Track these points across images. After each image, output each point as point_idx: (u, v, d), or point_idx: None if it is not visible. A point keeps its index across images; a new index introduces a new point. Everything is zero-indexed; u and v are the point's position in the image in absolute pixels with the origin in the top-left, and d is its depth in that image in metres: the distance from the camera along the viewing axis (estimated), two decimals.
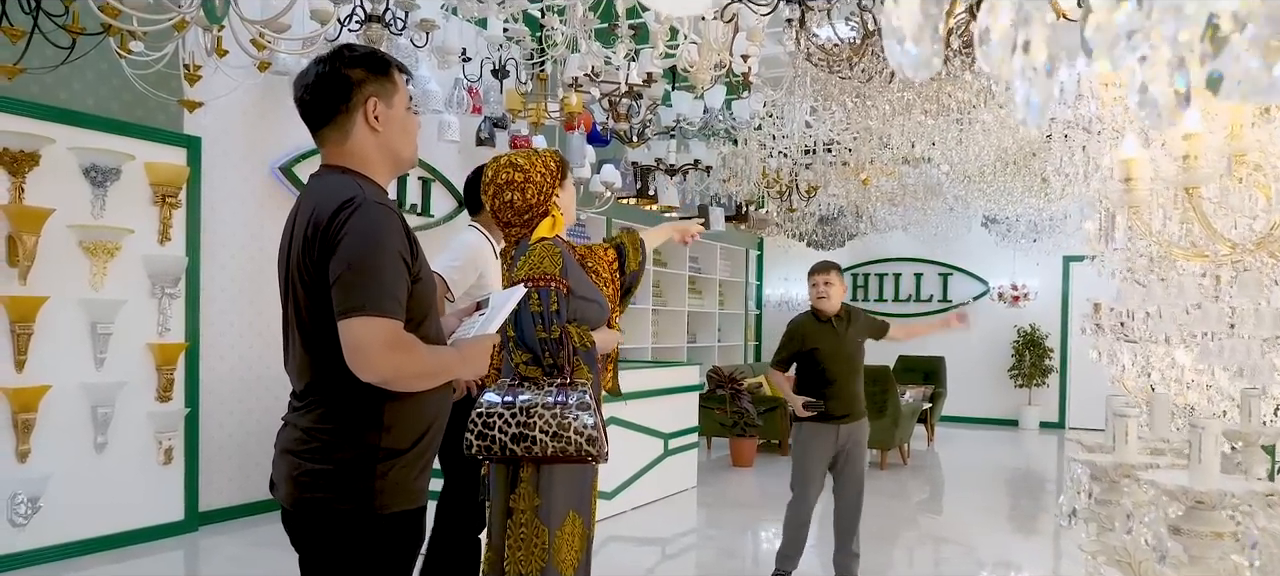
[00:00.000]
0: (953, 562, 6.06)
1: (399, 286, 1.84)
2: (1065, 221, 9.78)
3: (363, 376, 1.80)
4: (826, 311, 4.62)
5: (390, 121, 1.97)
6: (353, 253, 1.80)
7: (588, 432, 2.62)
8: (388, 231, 1.84)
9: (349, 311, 1.78)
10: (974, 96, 4.95)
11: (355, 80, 1.93)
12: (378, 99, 1.95)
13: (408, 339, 1.84)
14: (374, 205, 1.85)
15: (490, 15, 4.83)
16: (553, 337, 2.68)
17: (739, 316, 12.55)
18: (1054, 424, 12.04)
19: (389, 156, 1.99)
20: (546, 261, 2.72)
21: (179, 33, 4.01)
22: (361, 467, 1.89)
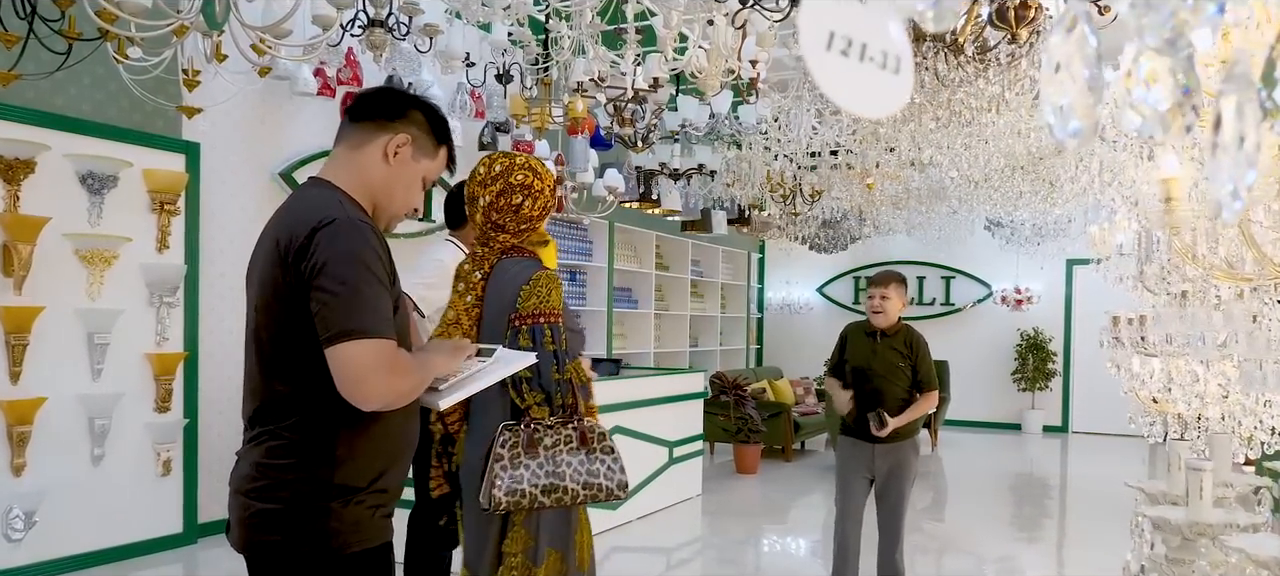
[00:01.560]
0: (957, 570, 6.00)
1: (386, 306, 1.77)
2: (1069, 225, 9.73)
3: (362, 406, 1.72)
4: (876, 326, 4.28)
5: (403, 168, 1.91)
6: (340, 272, 1.71)
7: (618, 476, 2.52)
8: (374, 249, 1.77)
9: (342, 336, 1.69)
10: (985, 103, 4.88)
11: (410, 116, 1.92)
12: (412, 144, 1.91)
13: (401, 357, 1.78)
14: (357, 222, 1.78)
15: (496, 19, 4.75)
16: (566, 378, 2.53)
17: (741, 320, 12.48)
18: (1057, 427, 11.98)
19: (380, 193, 1.92)
20: (554, 295, 2.58)
21: (178, 39, 3.92)
22: (313, 506, 1.78)
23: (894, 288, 4.27)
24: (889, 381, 4.17)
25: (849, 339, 4.40)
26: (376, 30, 4.51)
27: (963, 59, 4.32)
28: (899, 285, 4.30)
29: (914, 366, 4.20)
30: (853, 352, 4.32)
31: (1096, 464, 10.22)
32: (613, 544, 5.80)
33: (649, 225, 9.86)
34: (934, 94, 4.67)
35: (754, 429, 8.35)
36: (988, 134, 5.49)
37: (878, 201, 9.13)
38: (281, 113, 5.86)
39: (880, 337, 4.23)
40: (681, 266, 10.74)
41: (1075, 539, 6.94)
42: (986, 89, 4.63)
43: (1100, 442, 11.29)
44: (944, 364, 11.20)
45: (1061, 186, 6.73)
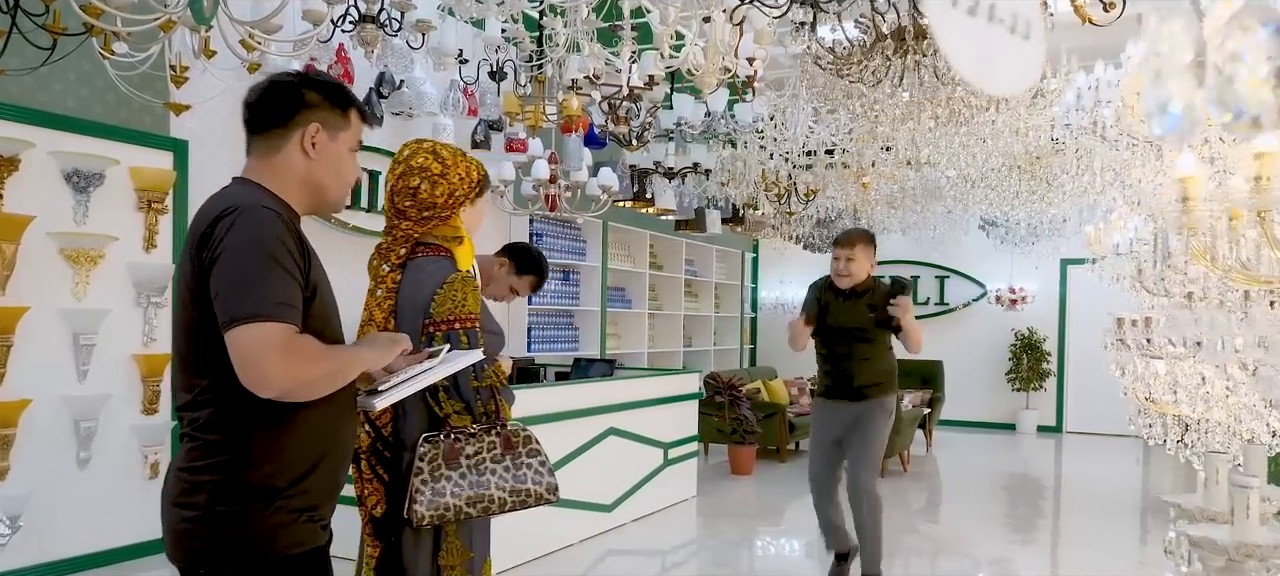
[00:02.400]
0: (952, 571, 5.96)
1: (291, 290, 1.72)
2: (1064, 225, 9.71)
3: (260, 392, 1.67)
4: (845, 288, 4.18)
5: (327, 154, 1.88)
6: (235, 257, 1.69)
7: (546, 479, 2.44)
8: (273, 235, 1.72)
9: (234, 321, 1.66)
10: (986, 101, 4.83)
11: (308, 102, 1.86)
12: (322, 128, 1.87)
13: (304, 342, 1.71)
14: (257, 208, 1.74)
15: (489, 16, 4.68)
16: (486, 385, 2.47)
17: (735, 319, 12.43)
18: (1052, 428, 11.97)
19: (312, 187, 1.90)
20: (470, 299, 2.49)
21: (165, 33, 3.84)
22: (229, 511, 1.74)
23: (860, 248, 4.11)
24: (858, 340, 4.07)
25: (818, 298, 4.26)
26: (368, 26, 4.43)
27: None
28: (866, 244, 4.15)
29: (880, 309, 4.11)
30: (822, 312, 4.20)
31: (1091, 464, 10.20)
32: (607, 547, 5.73)
33: (643, 224, 9.80)
34: (934, 92, 4.62)
35: (749, 429, 8.29)
36: (986, 133, 5.45)
37: (873, 201, 9.09)
38: None
39: (851, 296, 4.13)
40: (675, 266, 10.68)
41: (1070, 540, 6.91)
42: None
43: (1094, 443, 11.28)
44: (938, 363, 11.18)
45: (1061, 185, 6.69)
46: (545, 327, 8.46)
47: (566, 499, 5.53)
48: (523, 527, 5.11)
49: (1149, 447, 10.54)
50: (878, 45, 4.29)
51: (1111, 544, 6.55)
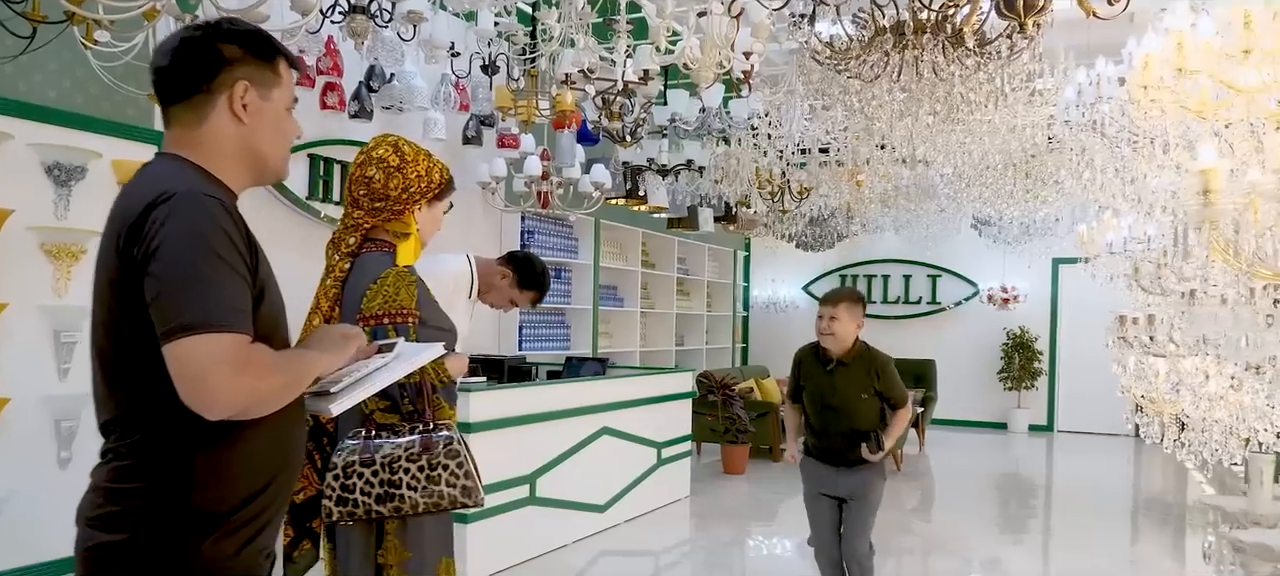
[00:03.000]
0: (944, 571, 5.91)
1: (242, 294, 1.50)
2: (1056, 224, 9.68)
3: (206, 413, 1.44)
4: (830, 352, 3.81)
5: (262, 116, 1.63)
6: (176, 256, 1.45)
7: (461, 482, 2.35)
8: (218, 226, 1.49)
9: (178, 331, 1.42)
10: (984, 98, 4.78)
11: (228, 57, 1.60)
12: (252, 86, 1.62)
13: (257, 354, 1.48)
14: (197, 196, 1.50)
15: (482, 8, 4.60)
16: (412, 381, 2.37)
17: (727, 318, 12.37)
18: (1043, 427, 11.96)
19: (250, 157, 1.65)
20: (403, 293, 2.43)
21: (149, 22, 3.75)
22: (165, 539, 1.51)
23: (845, 307, 3.78)
24: (850, 415, 3.75)
25: (803, 365, 3.97)
26: (358, 17, 4.34)
27: (961, 51, 4.21)
28: (852, 304, 3.82)
29: (880, 392, 3.79)
30: (809, 382, 3.89)
31: (1082, 463, 10.19)
32: (601, 548, 5.66)
33: (635, 222, 9.72)
34: (932, 88, 4.56)
35: (742, 429, 8.24)
36: (984, 130, 5.40)
37: (866, 199, 9.03)
38: None
39: (837, 366, 3.78)
40: (667, 264, 10.61)
41: (1063, 540, 6.89)
42: (986, 84, 4.53)
43: (1085, 442, 11.28)
44: (930, 363, 11.15)
45: (1059, 183, 6.65)
46: (537, 327, 8.37)
47: (560, 499, 5.46)
48: (515, 529, 5.05)
49: (1140, 447, 10.56)
50: (877, 40, 4.22)
51: (1104, 544, 6.52)
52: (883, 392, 3.79)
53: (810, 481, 3.97)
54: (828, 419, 3.83)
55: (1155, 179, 3.14)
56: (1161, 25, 3.49)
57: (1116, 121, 3.86)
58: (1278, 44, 2.58)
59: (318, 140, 6.03)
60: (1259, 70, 2.50)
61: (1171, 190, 3.43)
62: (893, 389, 3.83)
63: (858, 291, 4.04)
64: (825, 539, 3.95)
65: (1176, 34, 2.53)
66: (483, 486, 2.43)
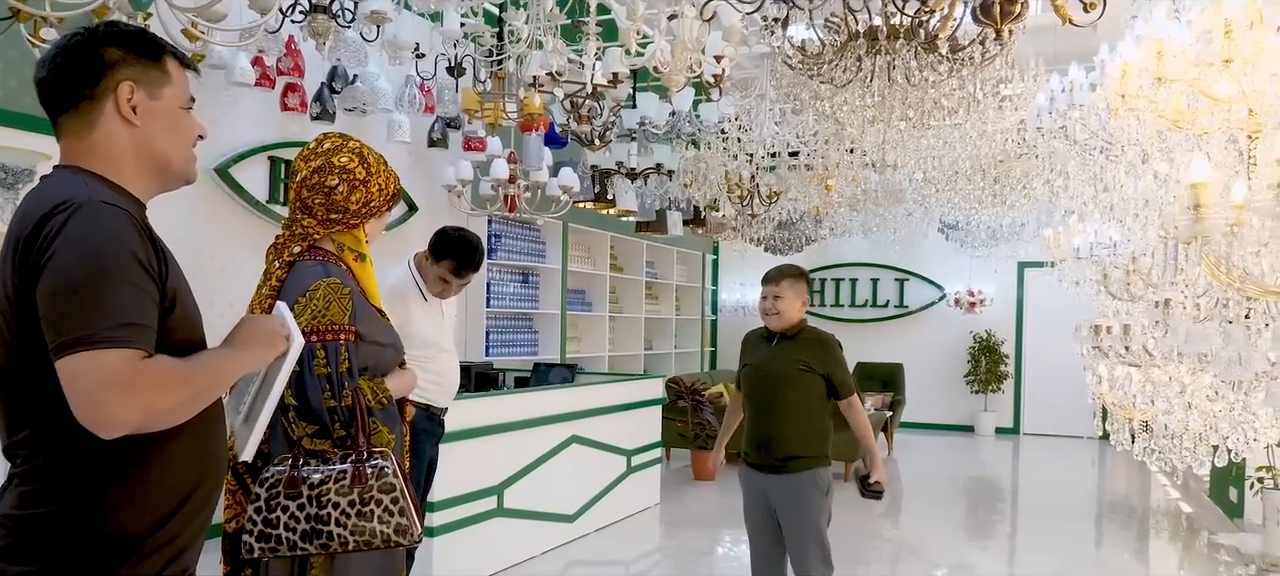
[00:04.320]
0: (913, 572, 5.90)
1: (139, 306, 1.42)
2: (1022, 229, 9.75)
3: (101, 433, 1.38)
4: (774, 329, 3.64)
5: (152, 116, 1.57)
6: (67, 267, 1.38)
7: (395, 520, 2.13)
8: (116, 235, 1.43)
9: (66, 347, 1.36)
10: (956, 104, 4.76)
11: (109, 60, 1.54)
12: (137, 86, 1.56)
13: (152, 368, 1.41)
14: (98, 205, 1.44)
15: (448, 8, 4.49)
16: (344, 404, 2.19)
17: (696, 322, 12.33)
18: (1009, 429, 12.05)
19: (148, 160, 1.59)
20: (334, 308, 2.23)
21: (99, 20, 3.60)
22: (77, 568, 1.43)
23: (788, 283, 3.63)
24: (784, 389, 3.56)
25: (747, 346, 3.82)
26: (320, 17, 4.22)
27: (934, 57, 4.19)
28: (796, 281, 3.66)
29: (824, 374, 3.60)
30: (750, 357, 3.74)
31: (1048, 466, 10.27)
32: (571, 558, 5.57)
33: (603, 226, 9.64)
34: (904, 93, 4.53)
35: (712, 434, 8.17)
36: (955, 136, 5.39)
37: (835, 203, 9.03)
38: (215, 104, 5.50)
39: (779, 340, 3.64)
40: (636, 268, 10.54)
41: (1029, 543, 6.92)
42: (958, 90, 4.51)
43: (1050, 444, 11.38)
44: (898, 366, 11.17)
45: (1030, 189, 6.68)
46: (504, 331, 8.26)
47: (529, 510, 5.35)
48: (482, 542, 4.94)
49: (1104, 449, 10.67)
50: (850, 45, 4.18)
51: (1070, 547, 6.56)
52: (825, 373, 3.59)
53: (745, 491, 3.76)
54: (761, 395, 3.62)
55: (1130, 187, 3.12)
56: (1135, 32, 3.49)
57: (1089, 128, 3.85)
58: (1256, 52, 2.56)
59: (278, 142, 5.88)
60: (1238, 81, 2.48)
61: (1145, 198, 3.41)
62: (836, 369, 3.63)
63: (799, 267, 3.80)
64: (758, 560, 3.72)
65: (1157, 43, 2.50)
66: (421, 521, 2.25)
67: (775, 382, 3.58)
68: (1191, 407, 3.30)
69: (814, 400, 3.59)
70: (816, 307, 12.82)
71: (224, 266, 5.62)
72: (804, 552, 3.54)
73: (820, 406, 3.62)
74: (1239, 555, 4.30)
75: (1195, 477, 7.68)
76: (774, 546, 3.66)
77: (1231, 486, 6.38)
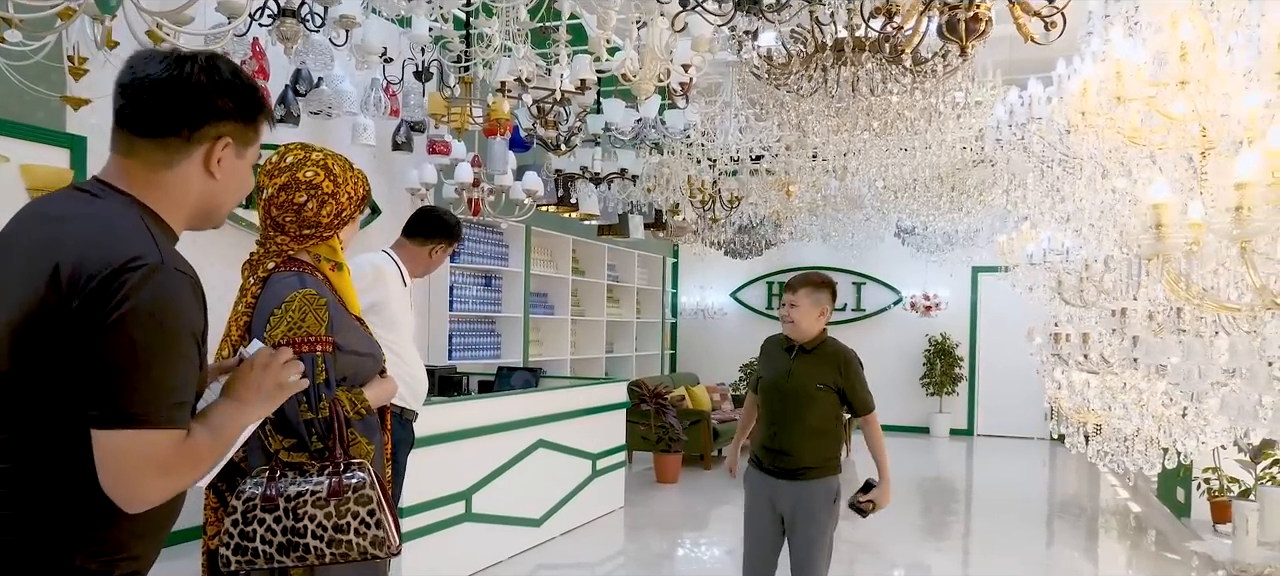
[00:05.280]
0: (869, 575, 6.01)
1: (188, 383, 1.43)
2: (977, 234, 9.95)
3: (121, 503, 1.38)
4: (793, 339, 3.59)
5: (232, 176, 1.56)
6: (138, 338, 1.34)
7: (372, 532, 2.11)
8: (186, 311, 1.41)
9: (118, 420, 1.34)
10: (918, 114, 4.87)
11: (220, 110, 1.50)
12: (233, 144, 1.53)
13: (192, 449, 1.43)
14: (173, 273, 1.39)
15: (418, 14, 4.49)
16: (321, 417, 2.17)
17: (656, 325, 12.38)
18: (963, 431, 12.29)
19: (205, 210, 1.57)
20: (310, 319, 2.21)
21: (64, 22, 3.55)
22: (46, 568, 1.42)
23: (805, 293, 3.56)
24: (798, 404, 3.51)
25: (766, 349, 3.79)
26: (288, 21, 4.18)
27: (897, 70, 4.28)
28: (815, 290, 3.58)
29: (841, 389, 3.57)
30: (767, 367, 3.69)
31: (1001, 467, 10.51)
32: (537, 562, 5.59)
33: (565, 229, 9.66)
34: (868, 105, 4.62)
35: (675, 437, 8.24)
36: (916, 144, 5.51)
37: (795, 209, 9.15)
38: None
39: (799, 352, 3.57)
40: (598, 271, 10.57)
41: (983, 543, 7.09)
42: (920, 101, 4.61)
43: (1003, 445, 11.64)
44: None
45: (989, 199, 6.84)
46: (466, 335, 8.23)
47: (496, 515, 5.36)
48: (450, 547, 4.93)
49: (1055, 449, 10.95)
50: (816, 56, 4.26)
51: (1022, 546, 6.75)
52: (845, 391, 3.56)
53: (751, 492, 3.70)
54: (778, 409, 3.56)
55: (1089, 200, 3.24)
56: (1090, 48, 3.61)
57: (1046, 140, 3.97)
58: (1209, 74, 2.67)
59: None
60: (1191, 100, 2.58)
61: (1102, 210, 3.53)
62: (856, 389, 3.58)
63: (824, 276, 3.74)
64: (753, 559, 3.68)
65: (1117, 63, 2.60)
66: (398, 532, 2.22)
67: (793, 399, 3.53)
68: (1146, 412, 3.44)
69: (830, 416, 3.57)
70: (776, 309, 12.96)
71: None
72: (812, 558, 3.53)
73: (836, 421, 3.62)
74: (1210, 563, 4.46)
75: (1144, 478, 7.92)
76: (772, 547, 3.65)
77: (1179, 486, 6.59)
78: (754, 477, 3.70)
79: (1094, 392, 3.58)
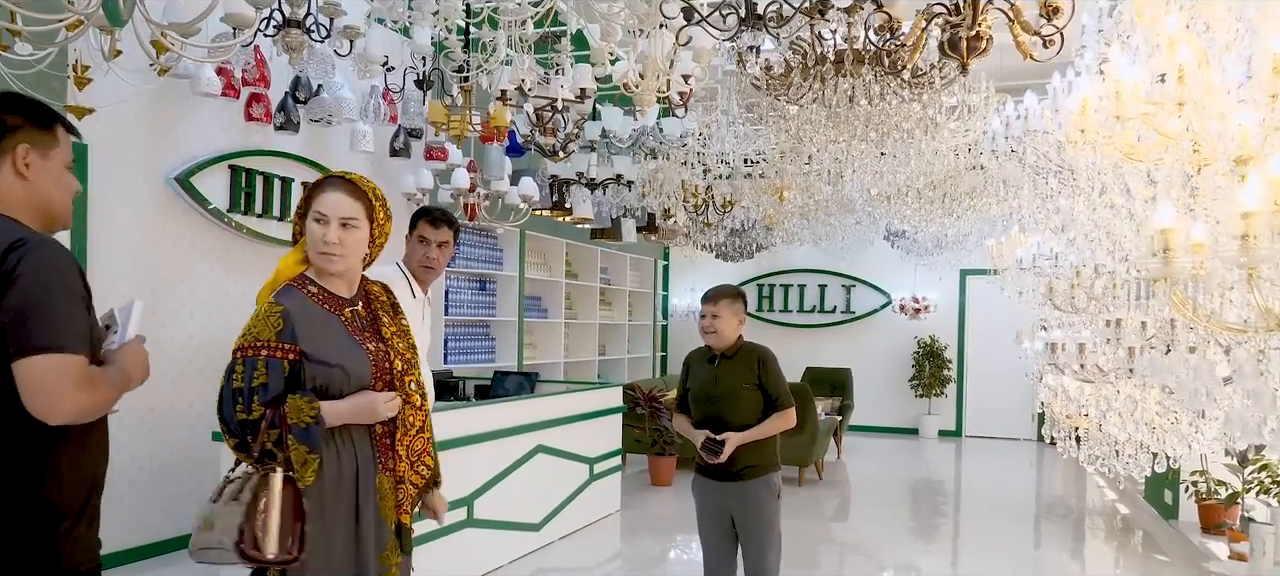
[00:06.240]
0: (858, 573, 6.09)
1: (85, 324, 1.86)
2: (966, 238, 10.05)
3: (47, 419, 1.77)
4: (715, 348, 3.79)
5: (43, 172, 1.96)
6: (31, 290, 1.78)
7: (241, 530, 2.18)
8: (68, 270, 1.86)
9: (28, 349, 1.75)
10: (914, 125, 4.94)
11: (9, 125, 1.93)
12: (32, 148, 1.94)
13: (96, 374, 1.86)
14: (51, 244, 1.87)
15: (422, 25, 4.52)
16: (252, 419, 2.23)
17: (647, 327, 12.44)
18: (952, 432, 12.41)
19: (36, 205, 1.96)
20: (261, 325, 2.29)
21: (69, 33, 3.56)
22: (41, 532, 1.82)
23: (726, 304, 3.75)
24: (732, 407, 3.68)
25: (691, 367, 3.93)
26: (293, 31, 4.21)
27: (896, 83, 4.35)
28: (732, 300, 3.79)
29: (762, 386, 3.72)
30: (694, 379, 3.85)
31: (990, 468, 10.62)
32: (537, 566, 5.63)
33: (559, 232, 9.70)
34: (866, 116, 4.69)
35: (669, 440, 8.30)
36: (910, 152, 5.58)
37: (787, 212, 9.21)
38: (176, 112, 5.44)
39: (721, 359, 3.76)
40: (590, 274, 10.62)
41: (972, 543, 7.19)
42: (918, 112, 4.68)
43: (991, 446, 11.76)
44: (847, 371, 11.43)
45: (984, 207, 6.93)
46: (462, 339, 8.27)
47: (497, 520, 5.40)
48: (453, 552, 4.97)
49: (1042, 451, 11.08)
50: (817, 68, 4.32)
51: (1011, 546, 6.85)
52: (765, 386, 3.71)
53: (701, 499, 3.88)
54: (711, 414, 3.72)
55: (1085, 215, 3.31)
56: (1084, 61, 3.68)
57: (1040, 152, 4.05)
58: (1205, 94, 2.74)
59: (239, 151, 5.83)
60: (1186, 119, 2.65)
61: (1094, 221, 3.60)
62: (776, 384, 3.73)
63: (737, 288, 3.93)
64: (711, 562, 3.84)
65: (1116, 83, 2.67)
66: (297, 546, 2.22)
67: (723, 402, 3.70)
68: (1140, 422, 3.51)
69: (757, 413, 3.71)
70: (766, 313, 13.05)
71: (184, 276, 5.56)
72: (762, 552, 3.70)
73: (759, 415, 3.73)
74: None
75: (1131, 480, 8.03)
76: (726, 549, 3.82)
77: (1167, 489, 6.70)
78: (701, 485, 3.88)
79: (1090, 400, 3.65)
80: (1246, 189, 1.69)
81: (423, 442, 2.58)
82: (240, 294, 5.79)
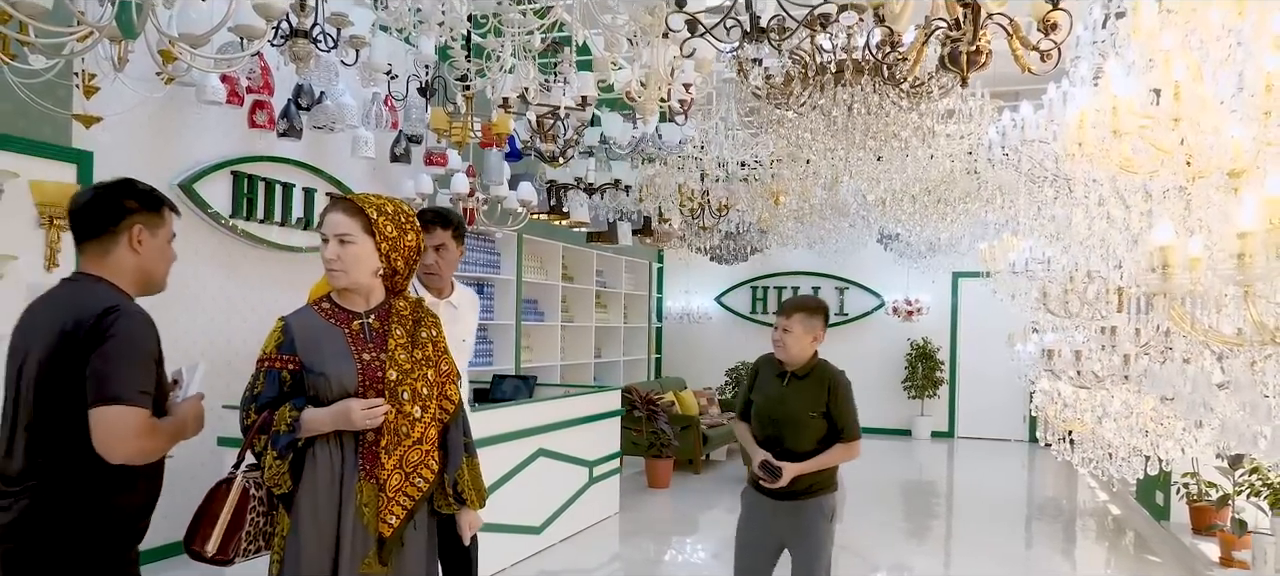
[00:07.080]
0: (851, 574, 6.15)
1: (151, 382, 2.18)
2: (959, 241, 10.14)
3: (108, 458, 2.09)
4: (783, 364, 3.57)
5: (150, 249, 2.30)
6: (116, 350, 2.10)
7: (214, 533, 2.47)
8: (147, 337, 2.19)
9: (102, 399, 2.07)
10: (911, 132, 5.01)
11: (128, 209, 2.28)
12: (145, 228, 2.29)
13: (155, 425, 2.17)
14: (139, 314, 2.19)
15: (429, 35, 4.57)
16: (246, 424, 2.50)
17: (643, 330, 12.50)
18: (944, 433, 12.52)
19: (142, 274, 2.31)
20: (268, 339, 2.58)
21: (81, 44, 3.60)
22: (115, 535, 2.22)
23: (799, 318, 3.50)
24: (795, 434, 3.46)
25: (759, 373, 3.70)
26: (300, 41, 4.26)
27: (895, 93, 4.42)
28: (808, 316, 3.52)
29: (828, 414, 3.49)
30: (759, 392, 3.63)
31: (981, 468, 10.72)
32: (538, 568, 5.69)
33: (555, 236, 9.75)
34: (865, 123, 4.75)
35: (666, 443, 8.36)
36: (907, 161, 5.66)
37: (781, 216, 9.28)
38: (179, 119, 5.48)
39: (791, 378, 3.52)
40: (586, 277, 10.66)
41: (964, 544, 7.28)
42: (916, 121, 4.75)
43: (983, 447, 11.87)
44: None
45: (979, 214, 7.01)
46: None
47: (500, 523, 5.45)
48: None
49: (1033, 451, 11.19)
50: (817, 78, 4.39)
51: (1003, 547, 6.93)
52: (833, 415, 3.48)
53: (745, 514, 3.66)
54: (772, 435, 3.50)
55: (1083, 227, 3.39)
56: (1079, 72, 3.76)
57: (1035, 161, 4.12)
58: (1200, 109, 2.81)
59: (243, 156, 5.86)
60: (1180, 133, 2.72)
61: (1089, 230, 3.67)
62: (845, 414, 3.51)
63: (819, 301, 3.68)
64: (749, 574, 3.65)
65: (1113, 99, 2.74)
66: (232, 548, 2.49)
67: (787, 426, 3.48)
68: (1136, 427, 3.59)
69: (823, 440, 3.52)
70: (761, 315, 13.14)
71: (186, 280, 5.59)
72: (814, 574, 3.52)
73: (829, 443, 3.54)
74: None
75: (1122, 481, 8.13)
76: (763, 566, 3.64)
77: (1158, 490, 6.80)
78: (751, 497, 3.66)
79: (1085, 405, 3.73)
80: (1242, 208, 1.76)
81: (420, 454, 2.55)
82: (242, 298, 5.83)
